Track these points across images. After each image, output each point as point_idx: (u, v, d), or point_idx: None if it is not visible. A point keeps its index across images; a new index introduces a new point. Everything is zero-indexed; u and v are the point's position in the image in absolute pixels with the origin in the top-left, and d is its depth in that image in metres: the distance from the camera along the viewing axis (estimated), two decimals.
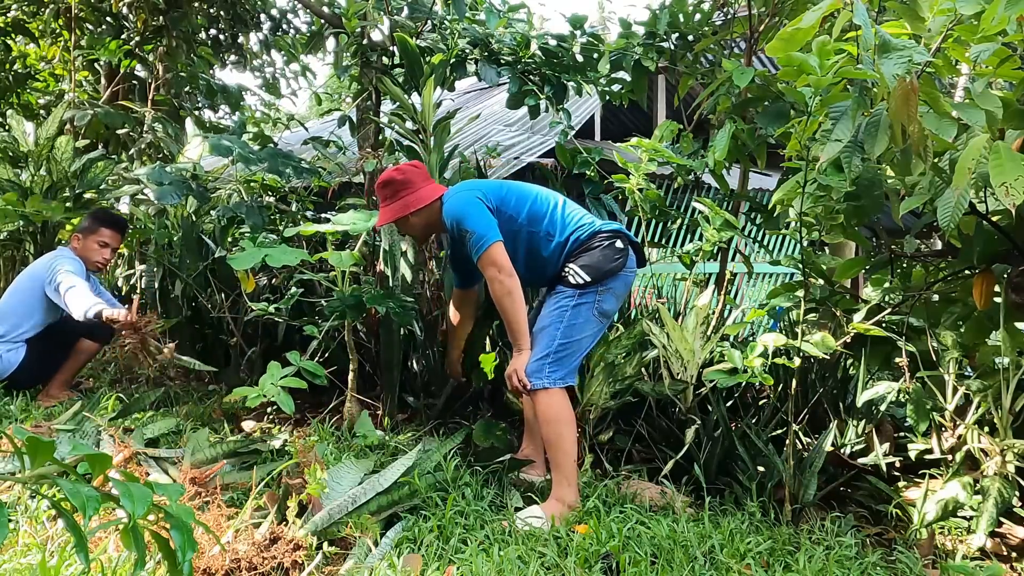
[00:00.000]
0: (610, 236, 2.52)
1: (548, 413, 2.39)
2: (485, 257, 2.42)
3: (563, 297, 2.48)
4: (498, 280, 2.40)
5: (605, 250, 2.49)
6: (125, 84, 6.66)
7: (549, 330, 2.44)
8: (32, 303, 3.52)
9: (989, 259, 2.58)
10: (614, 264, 2.48)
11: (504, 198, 2.57)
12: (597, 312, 2.48)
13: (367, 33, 4.17)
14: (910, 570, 2.09)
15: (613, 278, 2.49)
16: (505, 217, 2.52)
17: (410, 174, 2.64)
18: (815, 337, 2.48)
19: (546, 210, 2.58)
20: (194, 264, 4.12)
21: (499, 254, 2.42)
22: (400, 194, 2.62)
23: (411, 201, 2.61)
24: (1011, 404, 2.31)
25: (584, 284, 2.46)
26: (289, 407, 2.45)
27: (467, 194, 2.55)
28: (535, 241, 2.55)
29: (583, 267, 2.47)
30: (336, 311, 2.89)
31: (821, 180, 2.27)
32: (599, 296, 2.48)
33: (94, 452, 1.00)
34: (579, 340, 2.45)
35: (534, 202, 2.59)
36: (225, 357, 4.10)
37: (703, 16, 3.70)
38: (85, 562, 0.95)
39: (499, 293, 2.41)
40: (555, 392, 2.40)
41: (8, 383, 3.48)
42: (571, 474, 2.37)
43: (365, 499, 2.11)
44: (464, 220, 2.47)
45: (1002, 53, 2.18)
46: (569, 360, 2.44)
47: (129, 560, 1.77)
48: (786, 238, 9.66)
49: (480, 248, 2.42)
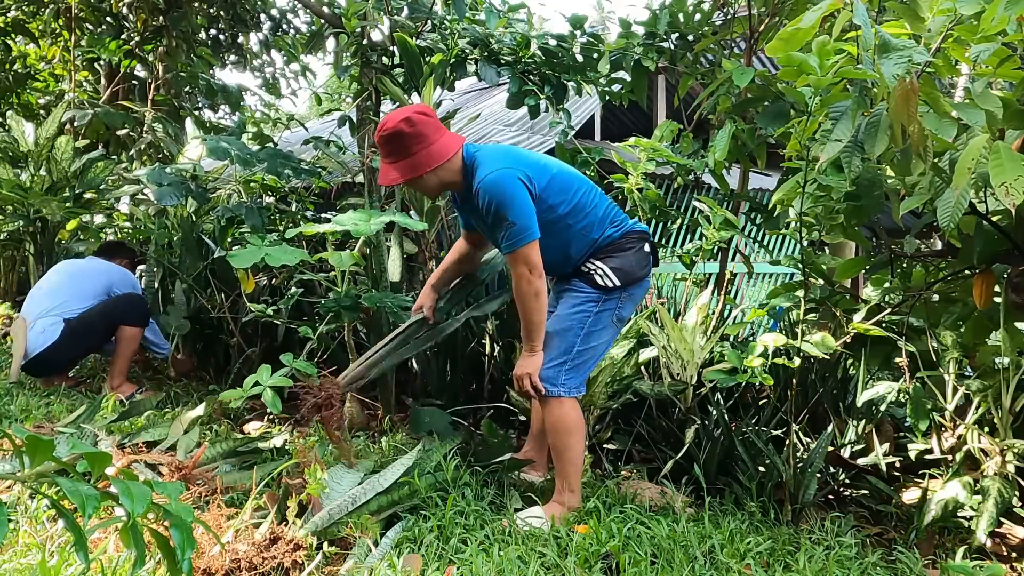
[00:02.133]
0: (640, 238, 2.41)
1: (560, 424, 2.32)
2: (519, 254, 2.21)
3: (585, 300, 2.34)
4: (527, 279, 2.22)
5: (637, 254, 2.37)
6: (125, 84, 6.66)
7: (569, 335, 2.32)
8: (92, 292, 3.74)
9: (989, 259, 2.58)
10: (644, 271, 2.38)
11: (548, 186, 2.30)
12: (616, 319, 2.37)
13: (367, 33, 4.16)
14: (910, 570, 2.09)
15: (638, 285, 2.39)
16: (544, 207, 2.28)
17: (421, 125, 2.24)
18: (815, 337, 2.48)
19: (589, 203, 2.36)
20: (194, 264, 4.12)
21: (534, 253, 2.22)
22: (411, 150, 2.24)
23: (423, 159, 2.24)
24: (1011, 404, 2.31)
25: (612, 288, 2.32)
26: (276, 407, 2.42)
27: (510, 172, 2.22)
28: (569, 235, 2.34)
29: (614, 269, 2.32)
30: (331, 311, 2.88)
31: (821, 180, 2.27)
32: (621, 303, 2.36)
33: (93, 451, 1.00)
34: (595, 347, 2.36)
35: (578, 192, 2.35)
36: (225, 357, 4.10)
37: (703, 16, 3.70)
38: (85, 561, 0.95)
39: (526, 293, 2.23)
40: (568, 401, 2.32)
41: (34, 364, 3.59)
42: (575, 482, 2.34)
43: (365, 499, 2.11)
44: (505, 207, 2.19)
45: (1002, 53, 2.18)
46: (584, 368, 2.35)
47: (129, 560, 1.77)
48: (786, 238, 9.66)
49: (516, 244, 2.21)
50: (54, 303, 3.67)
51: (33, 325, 3.61)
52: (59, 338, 3.57)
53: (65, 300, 3.68)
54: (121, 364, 3.73)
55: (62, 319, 3.62)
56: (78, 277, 3.82)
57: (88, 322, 3.66)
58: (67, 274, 3.85)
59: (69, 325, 3.62)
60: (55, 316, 3.63)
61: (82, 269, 3.89)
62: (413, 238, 3.68)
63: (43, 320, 3.62)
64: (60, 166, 4.70)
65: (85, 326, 3.66)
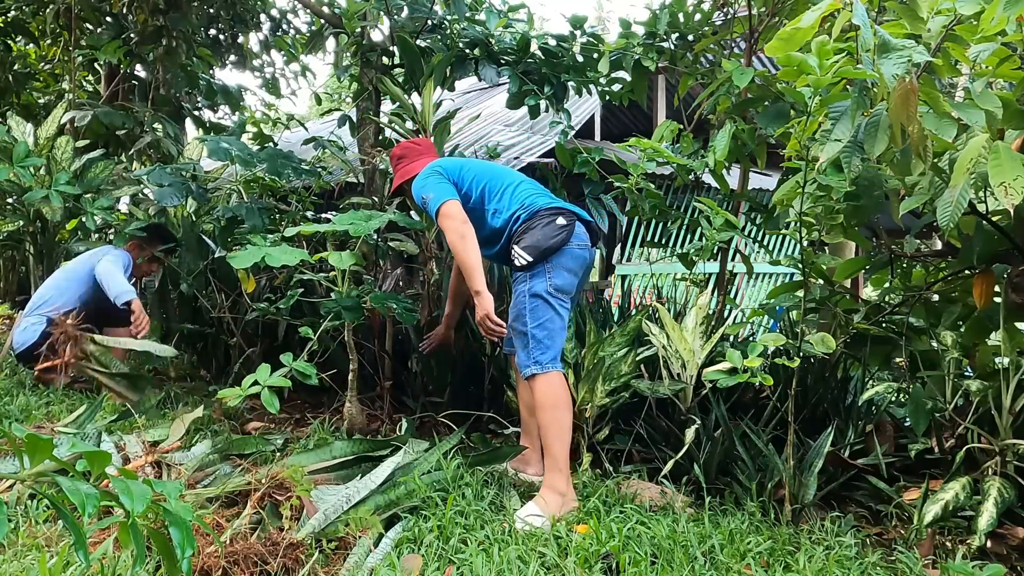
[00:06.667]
0: (552, 213, 2.56)
1: (547, 398, 2.42)
2: (440, 211, 2.53)
3: (518, 283, 2.55)
4: (451, 228, 2.50)
5: (545, 228, 2.51)
6: (125, 84, 6.66)
7: (521, 320, 2.49)
8: (71, 280, 3.80)
9: (989, 259, 2.58)
10: (554, 240, 2.49)
11: (461, 176, 2.69)
12: (553, 289, 2.49)
13: (367, 33, 4.16)
14: (910, 570, 2.09)
15: (558, 254, 2.50)
16: (460, 194, 2.63)
17: (407, 148, 2.94)
18: (815, 337, 2.47)
19: (498, 188, 2.67)
20: (194, 264, 4.12)
21: (452, 207, 2.53)
22: (399, 166, 2.91)
23: (402, 173, 2.87)
24: (1011, 404, 2.31)
25: (528, 264, 2.49)
26: (274, 408, 2.43)
27: (428, 169, 2.70)
28: (485, 218, 2.66)
29: (524, 248, 2.51)
30: (333, 311, 2.89)
31: (821, 180, 2.27)
32: (549, 274, 2.49)
33: (92, 450, 1.00)
34: (547, 320, 2.47)
35: (490, 180, 2.69)
36: (225, 357, 4.10)
37: (703, 16, 3.70)
38: (84, 560, 0.95)
39: (452, 239, 2.50)
40: (553, 376, 2.43)
41: (22, 358, 3.70)
42: (563, 460, 2.38)
43: (359, 497, 2.11)
44: (422, 190, 2.62)
45: (1002, 53, 2.18)
46: (550, 343, 2.46)
47: (130, 560, 1.77)
48: (786, 238, 9.66)
49: (435, 207, 2.54)
50: (40, 300, 3.77)
51: (20, 322, 3.73)
52: (39, 338, 3.63)
53: (49, 298, 3.76)
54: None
55: (46, 318, 3.67)
56: (67, 273, 3.89)
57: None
58: (63, 270, 3.93)
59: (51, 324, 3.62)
60: (38, 316, 3.71)
61: (76, 262, 3.95)
62: (413, 238, 3.68)
63: (28, 318, 3.72)
64: (60, 166, 4.70)
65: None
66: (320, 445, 2.61)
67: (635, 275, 8.26)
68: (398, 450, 2.48)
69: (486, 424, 3.32)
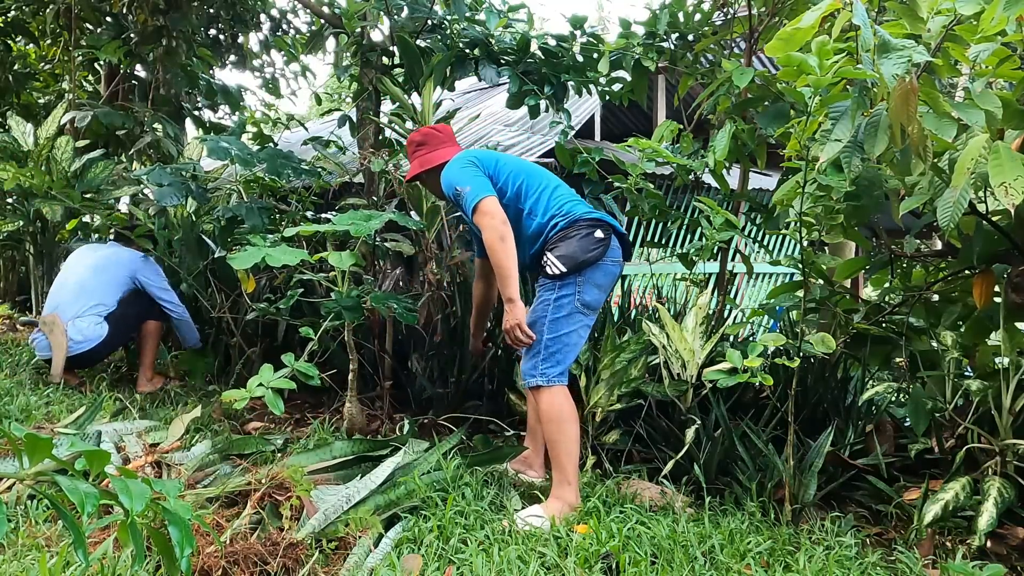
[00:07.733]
0: (590, 225, 2.46)
1: (551, 412, 2.37)
2: (479, 208, 2.38)
3: (545, 289, 2.46)
4: (491, 227, 2.36)
5: (583, 239, 2.42)
6: (125, 84, 6.66)
7: (536, 326, 2.42)
8: (110, 284, 3.79)
9: (989, 259, 2.58)
10: (591, 254, 2.42)
11: (497, 169, 2.56)
12: (579, 303, 2.42)
13: (367, 33, 4.17)
14: (910, 570, 2.09)
15: (592, 268, 2.43)
16: (495, 189, 2.49)
17: (428, 135, 2.77)
18: (815, 337, 2.47)
19: (536, 188, 2.55)
20: (194, 264, 4.12)
21: (492, 204, 2.39)
22: (418, 153, 2.74)
23: (424, 161, 2.72)
24: (1011, 404, 2.31)
25: (561, 275, 2.41)
26: (278, 409, 2.43)
27: (459, 159, 2.58)
28: (519, 218, 2.53)
29: (559, 257, 2.41)
30: (333, 312, 2.88)
31: (821, 180, 2.27)
32: (579, 288, 2.42)
33: (92, 449, 1.00)
34: (567, 334, 2.40)
35: (527, 177, 2.57)
36: (225, 357, 4.10)
37: (703, 16, 3.70)
38: (84, 559, 0.95)
39: (491, 239, 2.35)
40: (556, 390, 2.38)
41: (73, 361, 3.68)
42: (572, 474, 2.35)
43: (359, 497, 2.11)
44: (458, 182, 2.47)
45: (1002, 53, 2.18)
46: (561, 356, 2.40)
47: (129, 559, 1.77)
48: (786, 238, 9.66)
49: (472, 202, 2.39)
50: (90, 302, 3.72)
51: (72, 323, 3.66)
52: (108, 335, 3.69)
53: (100, 298, 3.74)
54: (148, 358, 3.84)
55: (102, 317, 3.70)
56: (102, 270, 3.83)
57: (123, 316, 3.77)
58: (91, 268, 3.83)
59: (110, 322, 3.72)
60: (95, 315, 3.70)
61: (104, 261, 3.87)
62: (412, 239, 3.68)
63: (82, 320, 3.67)
64: (60, 166, 4.70)
65: (122, 321, 3.77)
66: (320, 445, 2.61)
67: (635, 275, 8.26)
68: (398, 450, 2.49)
69: (486, 425, 3.32)
